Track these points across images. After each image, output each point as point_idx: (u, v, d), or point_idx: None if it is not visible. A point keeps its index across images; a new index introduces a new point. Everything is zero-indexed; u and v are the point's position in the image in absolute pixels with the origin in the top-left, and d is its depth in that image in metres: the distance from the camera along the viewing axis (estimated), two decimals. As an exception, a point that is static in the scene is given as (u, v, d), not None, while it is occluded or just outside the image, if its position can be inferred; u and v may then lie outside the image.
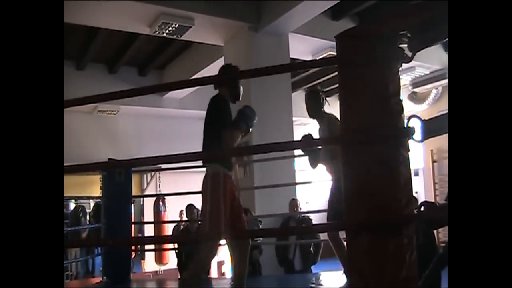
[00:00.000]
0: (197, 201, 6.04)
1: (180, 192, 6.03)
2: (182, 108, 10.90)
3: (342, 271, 3.94)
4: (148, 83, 9.90)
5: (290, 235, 5.74)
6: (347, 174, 1.65)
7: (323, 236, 6.07)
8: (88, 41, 8.58)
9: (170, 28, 6.81)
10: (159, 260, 9.63)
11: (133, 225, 5.85)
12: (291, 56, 7.46)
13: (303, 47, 8.04)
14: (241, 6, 7.02)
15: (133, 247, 6.17)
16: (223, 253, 8.85)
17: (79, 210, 9.78)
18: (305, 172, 9.77)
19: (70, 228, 8.24)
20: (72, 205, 10.72)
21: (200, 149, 3.38)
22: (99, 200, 7.82)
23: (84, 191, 10.83)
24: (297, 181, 7.17)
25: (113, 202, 5.38)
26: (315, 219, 6.83)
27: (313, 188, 11.97)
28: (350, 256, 1.66)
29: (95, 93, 2.40)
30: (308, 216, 6.44)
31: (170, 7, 6.46)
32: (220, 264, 9.33)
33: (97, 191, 7.92)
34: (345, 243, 3.73)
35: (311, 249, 5.88)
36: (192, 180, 4.80)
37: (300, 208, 6.34)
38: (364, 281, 1.56)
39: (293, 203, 6.12)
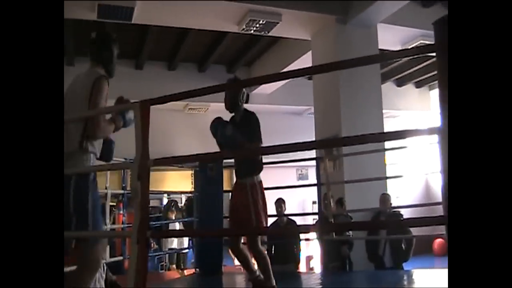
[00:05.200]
0: (286, 195, 6.10)
1: (269, 187, 6.07)
2: (271, 103, 10.97)
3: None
4: (237, 80, 10.05)
5: (379, 229, 5.59)
6: (446, 167, 1.58)
7: (415, 231, 5.88)
8: (179, 42, 8.90)
9: (258, 25, 6.89)
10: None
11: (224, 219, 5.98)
12: (379, 47, 7.28)
13: (392, 37, 7.80)
14: (328, -1, 6.95)
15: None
16: (312, 248, 8.85)
17: (172, 204, 10.20)
18: (395, 166, 9.54)
19: (165, 221, 8.63)
20: (165, 200, 11.20)
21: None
22: (190, 194, 8.10)
23: (176, 186, 11.26)
24: (387, 175, 6.98)
25: (206, 197, 5.53)
26: (406, 214, 6.62)
27: (404, 182, 11.65)
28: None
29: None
30: (399, 211, 6.26)
31: (257, 4, 6.54)
32: (308, 258, 9.32)
33: (187, 187, 8.22)
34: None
35: (402, 245, 5.71)
36: (280, 174, 4.82)
37: (391, 203, 6.17)
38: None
39: (384, 197, 5.97)
